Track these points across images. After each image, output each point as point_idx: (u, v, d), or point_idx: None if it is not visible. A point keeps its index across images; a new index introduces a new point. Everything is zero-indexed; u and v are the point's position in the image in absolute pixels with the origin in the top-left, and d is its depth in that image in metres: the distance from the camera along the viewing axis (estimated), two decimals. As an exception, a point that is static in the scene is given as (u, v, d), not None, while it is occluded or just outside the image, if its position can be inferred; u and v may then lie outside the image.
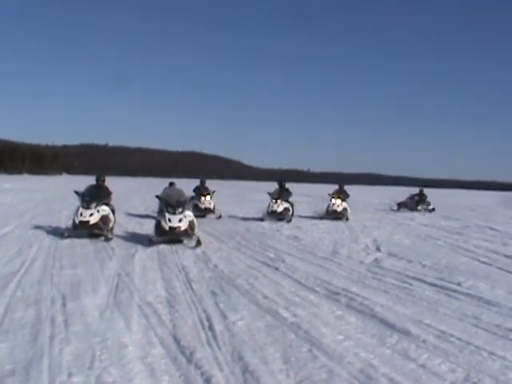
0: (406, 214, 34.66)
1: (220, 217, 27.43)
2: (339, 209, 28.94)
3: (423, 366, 6.99)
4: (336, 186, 31.39)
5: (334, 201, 29.39)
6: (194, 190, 28.53)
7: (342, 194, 29.85)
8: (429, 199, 39.42)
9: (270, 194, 28.02)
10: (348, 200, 29.87)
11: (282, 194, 27.75)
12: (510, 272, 14.21)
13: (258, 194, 30.27)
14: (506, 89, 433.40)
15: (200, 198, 28.18)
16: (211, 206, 28.21)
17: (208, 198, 28.45)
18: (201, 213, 26.76)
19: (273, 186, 30.07)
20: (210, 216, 27.53)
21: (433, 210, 39.05)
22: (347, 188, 31.29)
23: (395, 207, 39.12)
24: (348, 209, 29.28)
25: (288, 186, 28.83)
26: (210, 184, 30.66)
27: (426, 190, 40.04)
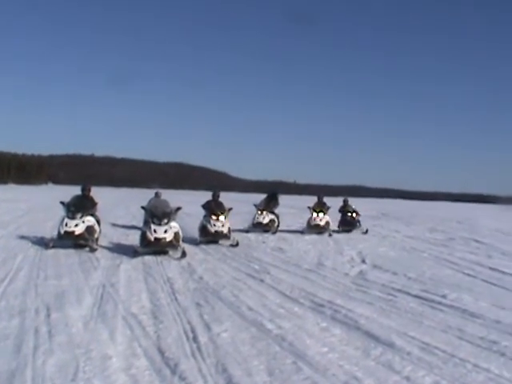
0: (392, 226, 34.69)
1: (237, 244, 20.61)
2: (322, 223, 27.65)
3: (407, 378, 7.00)
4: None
5: (315, 214, 27.99)
6: (204, 207, 22.20)
7: (323, 207, 28.51)
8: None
9: (255, 205, 27.83)
10: (331, 212, 28.87)
11: (268, 205, 27.62)
12: (494, 284, 14.26)
13: (244, 205, 30.12)
14: (493, 102, 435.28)
15: (211, 217, 21.28)
16: (225, 230, 21.06)
17: (222, 217, 21.27)
18: (211, 237, 21.06)
19: (259, 197, 29.99)
20: (224, 243, 20.96)
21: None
22: (331, 200, 31.15)
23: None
24: (330, 222, 28.09)
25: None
26: (197, 195, 30.03)
27: (415, 203, 39.90)
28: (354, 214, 29.45)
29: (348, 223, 29.10)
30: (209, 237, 20.96)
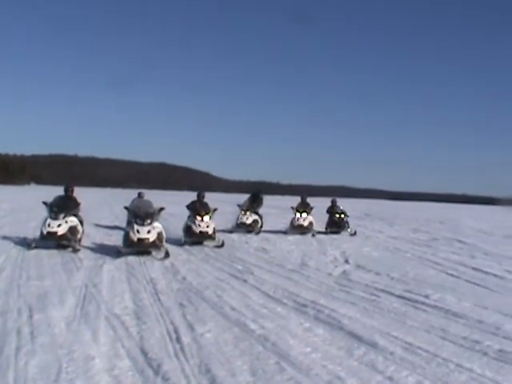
0: (376, 227, 34.77)
1: (222, 245, 20.49)
2: (305, 223, 27.58)
3: (390, 378, 7.02)
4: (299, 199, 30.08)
5: (298, 215, 27.88)
6: (189, 207, 22.04)
7: (306, 207, 28.46)
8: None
9: (239, 205, 27.81)
10: (314, 212, 28.70)
11: (252, 205, 27.59)
12: (477, 284, 14.33)
13: (227, 205, 30.08)
14: (476, 103, 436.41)
15: (195, 217, 21.07)
16: (210, 230, 20.94)
17: (206, 218, 21.10)
18: (196, 238, 20.87)
19: (242, 197, 29.93)
20: (209, 244, 20.74)
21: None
22: (314, 200, 31.11)
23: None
24: (314, 222, 28.00)
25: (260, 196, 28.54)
26: (180, 195, 29.87)
27: (398, 203, 39.95)
28: (342, 215, 28.94)
29: (336, 225, 28.58)
30: (194, 237, 20.77)
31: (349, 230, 28.39)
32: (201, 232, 20.73)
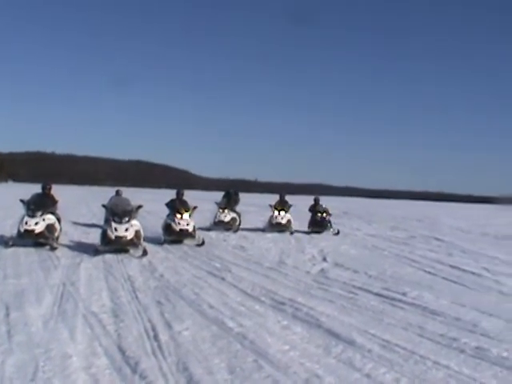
0: (354, 225, 34.86)
1: (202, 244, 20.15)
2: (283, 221, 27.54)
3: (368, 376, 7.05)
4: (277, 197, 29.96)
5: (276, 213, 27.81)
6: (168, 205, 21.83)
7: (284, 205, 28.35)
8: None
9: (217, 203, 27.84)
10: (293, 210, 28.92)
11: (230, 203, 27.65)
12: (454, 282, 14.42)
13: (206, 203, 30.05)
14: (450, 97, 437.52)
15: (175, 215, 20.85)
16: (190, 228, 20.63)
17: (186, 216, 20.86)
18: (176, 237, 20.58)
19: (221, 195, 29.88)
20: (190, 242, 20.47)
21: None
22: (292, 198, 31.11)
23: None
24: (292, 220, 27.95)
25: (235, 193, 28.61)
26: (158, 193, 29.74)
27: (376, 201, 39.99)
28: (325, 214, 28.31)
29: (318, 224, 27.91)
30: (173, 236, 20.52)
31: (332, 229, 27.87)
32: (181, 230, 20.45)
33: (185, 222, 20.61)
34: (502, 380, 7.08)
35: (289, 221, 27.68)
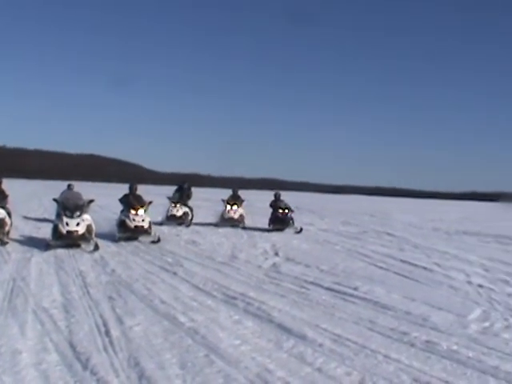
0: (306, 219, 34.97)
1: (158, 240, 19.61)
2: (235, 216, 27.61)
3: (319, 370, 7.10)
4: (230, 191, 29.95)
5: (229, 207, 27.82)
6: (122, 201, 21.16)
7: (237, 200, 28.40)
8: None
9: (169, 198, 27.79)
10: (246, 205, 29.14)
11: (182, 198, 27.59)
12: (405, 277, 14.55)
13: (158, 198, 29.97)
14: (408, 97, 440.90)
15: (129, 211, 20.22)
16: (145, 224, 20.11)
17: (141, 211, 20.25)
18: (131, 233, 19.93)
19: (173, 189, 29.78)
20: (145, 239, 19.89)
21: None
22: (245, 193, 31.10)
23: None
24: (244, 215, 28.10)
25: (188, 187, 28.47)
26: (110, 188, 29.55)
27: (328, 196, 40.08)
28: (287, 210, 26.68)
29: (280, 221, 26.38)
30: (128, 233, 19.86)
31: (294, 226, 26.39)
32: (136, 227, 19.87)
33: (140, 218, 20.01)
34: (451, 373, 7.17)
35: (241, 215, 27.81)
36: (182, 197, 27.70)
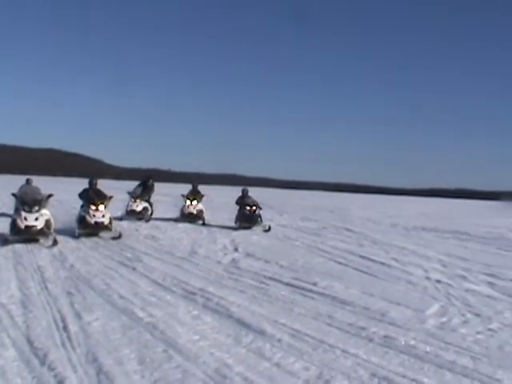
0: (266, 215, 35.00)
1: (119, 237, 19.30)
2: (195, 211, 27.53)
3: (277, 365, 7.15)
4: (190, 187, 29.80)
5: (189, 202, 27.76)
6: (82, 196, 20.74)
7: (196, 195, 28.35)
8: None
9: (129, 193, 27.73)
10: (206, 201, 29.12)
11: (143, 193, 27.52)
12: (364, 272, 14.67)
13: (118, 192, 29.79)
14: (369, 92, 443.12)
15: (89, 207, 19.78)
16: (106, 220, 19.81)
17: (101, 207, 19.86)
18: (91, 230, 19.57)
19: (134, 184, 29.67)
20: (106, 235, 19.60)
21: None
22: (205, 188, 31.06)
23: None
24: (204, 210, 27.95)
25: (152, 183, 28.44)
26: (69, 182, 29.33)
27: (287, 192, 40.15)
28: (254, 208, 25.54)
29: (247, 219, 25.27)
30: (88, 229, 19.46)
31: (262, 224, 25.34)
32: (96, 223, 19.54)
33: (100, 213, 19.71)
34: (408, 368, 7.27)
35: (201, 211, 27.74)
36: (144, 192, 27.66)
